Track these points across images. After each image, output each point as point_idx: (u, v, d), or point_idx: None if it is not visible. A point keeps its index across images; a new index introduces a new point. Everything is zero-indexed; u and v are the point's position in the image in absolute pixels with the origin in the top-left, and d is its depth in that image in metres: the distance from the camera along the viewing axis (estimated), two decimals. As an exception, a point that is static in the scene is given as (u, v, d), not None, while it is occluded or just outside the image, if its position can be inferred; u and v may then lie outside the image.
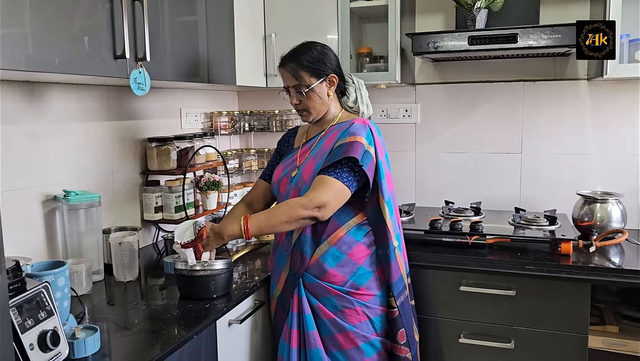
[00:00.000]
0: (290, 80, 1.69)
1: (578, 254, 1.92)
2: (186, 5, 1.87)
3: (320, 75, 1.68)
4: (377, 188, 1.65)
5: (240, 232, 1.56)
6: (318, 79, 1.68)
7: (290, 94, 1.71)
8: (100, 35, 1.43)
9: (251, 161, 2.69)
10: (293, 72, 1.67)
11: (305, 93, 1.67)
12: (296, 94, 1.69)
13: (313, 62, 1.67)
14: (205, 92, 2.57)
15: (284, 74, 1.71)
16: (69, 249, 1.73)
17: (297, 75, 1.66)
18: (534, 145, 2.43)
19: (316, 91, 1.68)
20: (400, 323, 1.69)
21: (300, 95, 1.68)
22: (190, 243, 1.58)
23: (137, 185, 2.15)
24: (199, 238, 1.59)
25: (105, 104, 1.97)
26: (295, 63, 1.67)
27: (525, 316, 1.85)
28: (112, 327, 1.42)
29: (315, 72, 1.67)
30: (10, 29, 1.18)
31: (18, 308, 1.07)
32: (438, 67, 2.53)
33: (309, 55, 1.67)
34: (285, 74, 1.70)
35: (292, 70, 1.67)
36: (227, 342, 1.58)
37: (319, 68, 1.67)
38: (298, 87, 1.68)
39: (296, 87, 1.68)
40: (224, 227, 1.59)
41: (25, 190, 1.65)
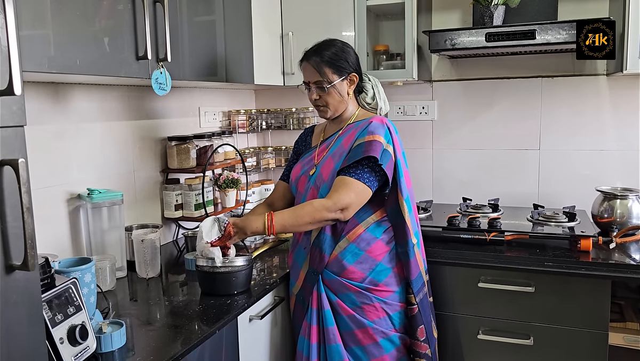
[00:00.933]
0: (312, 75, 1.70)
1: (598, 251, 1.91)
2: (204, 5, 1.89)
3: (342, 73, 1.69)
4: (396, 186, 1.66)
5: (264, 228, 1.58)
6: (340, 76, 1.69)
7: (311, 89, 1.72)
8: (122, 36, 1.46)
9: (269, 158, 2.72)
10: (317, 67, 1.68)
11: (327, 89, 1.68)
12: (317, 89, 1.70)
13: (336, 60, 1.68)
14: (223, 91, 2.60)
15: (306, 69, 1.72)
16: (92, 246, 1.77)
17: (321, 70, 1.67)
18: (552, 141, 2.42)
19: (337, 88, 1.69)
20: (420, 320, 1.70)
21: (321, 90, 1.69)
22: (218, 242, 1.59)
23: (157, 183, 2.18)
24: (227, 236, 1.60)
25: (126, 104, 2.00)
26: (319, 58, 1.68)
27: (545, 312, 1.84)
28: (136, 322, 1.45)
29: (338, 70, 1.68)
30: (32, 31, 1.21)
31: (48, 303, 1.11)
32: (455, 64, 2.53)
33: (332, 53, 1.68)
34: (309, 69, 1.70)
35: (316, 65, 1.68)
36: (247, 337, 1.60)
37: (341, 66, 1.69)
38: (320, 82, 1.69)
39: (318, 83, 1.69)
40: (248, 223, 1.61)
41: (50, 189, 1.70)
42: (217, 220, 1.63)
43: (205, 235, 1.59)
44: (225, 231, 1.60)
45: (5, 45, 0.84)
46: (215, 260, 1.58)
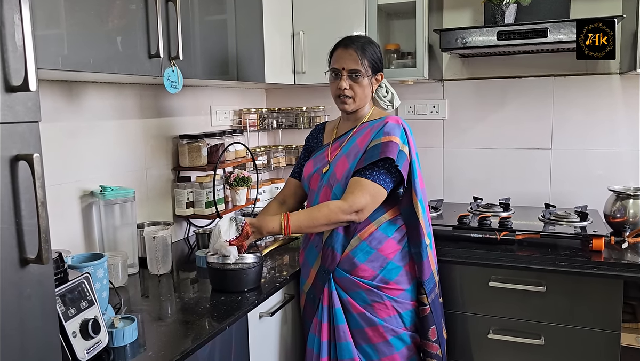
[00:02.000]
0: (353, 62, 1.66)
1: (610, 251, 1.89)
2: (216, 5, 1.90)
3: (375, 70, 1.70)
4: (411, 187, 1.67)
5: (280, 229, 1.59)
6: (373, 73, 1.70)
7: (342, 77, 1.68)
8: (135, 35, 1.48)
9: (279, 157, 2.73)
10: (358, 56, 1.65)
11: (360, 80, 1.67)
12: (350, 78, 1.67)
13: (374, 56, 1.69)
14: (234, 90, 2.61)
15: (348, 55, 1.67)
16: (105, 242, 1.79)
17: (362, 60, 1.66)
18: (564, 140, 2.40)
19: (366, 83, 1.69)
20: (432, 320, 1.70)
21: (354, 80, 1.67)
22: (236, 241, 1.60)
23: (169, 181, 2.20)
24: (245, 235, 1.60)
25: (138, 102, 2.02)
26: (362, 49, 1.67)
27: (556, 312, 1.83)
28: (147, 318, 1.46)
29: (373, 65, 1.69)
30: (47, 30, 1.23)
31: (62, 298, 1.12)
32: (466, 62, 2.52)
33: (373, 48, 1.69)
34: (352, 55, 1.66)
35: (358, 53, 1.66)
36: (258, 334, 1.61)
37: (376, 63, 1.70)
38: (356, 71, 1.66)
39: (354, 71, 1.66)
40: (264, 223, 1.61)
41: (64, 185, 1.72)
42: (235, 220, 1.64)
43: (223, 233, 1.60)
44: (243, 230, 1.60)
45: (21, 43, 0.86)
46: (232, 259, 1.58)
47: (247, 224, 1.61)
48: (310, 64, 2.39)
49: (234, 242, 1.59)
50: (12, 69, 0.86)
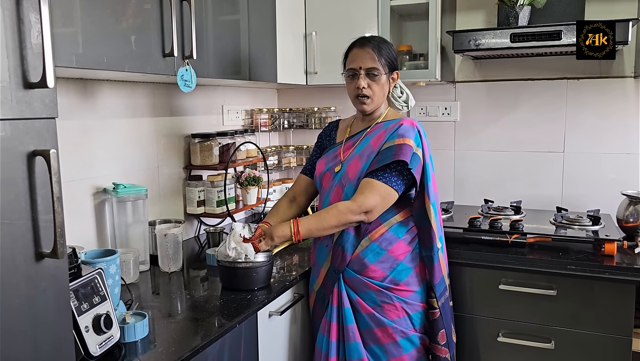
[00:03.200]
0: (370, 61, 1.66)
1: (622, 255, 1.88)
2: (229, 5, 1.91)
3: (392, 69, 1.70)
4: (424, 190, 1.66)
5: (291, 235, 1.60)
6: (390, 71, 1.70)
7: (360, 76, 1.67)
8: (150, 34, 1.49)
9: (290, 157, 2.73)
10: (377, 54, 1.65)
11: (378, 79, 1.67)
12: (368, 77, 1.67)
13: (390, 55, 1.69)
14: (246, 90, 2.63)
15: (365, 54, 1.66)
16: (117, 239, 1.81)
17: (380, 59, 1.66)
18: (577, 144, 2.39)
19: (384, 81, 1.69)
20: (441, 324, 1.70)
21: (372, 79, 1.67)
22: (249, 239, 1.62)
23: (180, 179, 2.22)
24: (258, 235, 1.63)
25: (151, 101, 2.04)
26: (378, 47, 1.67)
27: (567, 316, 1.82)
28: (158, 314, 1.47)
29: (390, 64, 1.69)
30: (62, 29, 1.24)
31: (75, 292, 1.14)
32: (479, 64, 2.51)
33: (388, 47, 1.70)
34: (367, 54, 1.66)
35: (377, 51, 1.66)
36: (267, 333, 1.61)
37: (393, 62, 1.70)
38: (374, 70, 1.66)
39: (372, 70, 1.66)
40: (274, 229, 1.63)
41: (77, 182, 1.74)
42: (248, 225, 1.67)
43: (239, 229, 1.63)
44: (256, 232, 1.64)
45: (40, 41, 0.87)
46: (249, 255, 1.59)
47: (260, 228, 1.64)
48: (322, 65, 2.40)
49: (247, 240, 1.61)
50: (30, 66, 0.88)
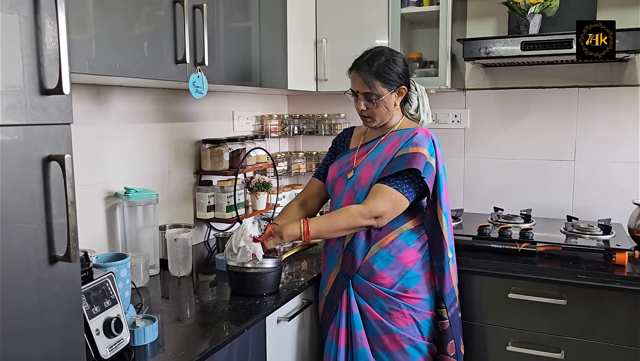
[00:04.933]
0: (361, 86, 1.67)
1: (634, 265, 1.86)
2: (241, 12, 1.93)
3: (392, 86, 1.67)
4: (436, 200, 1.66)
5: (300, 234, 1.60)
6: (389, 90, 1.66)
7: (358, 99, 1.69)
8: (162, 41, 1.51)
9: (299, 163, 2.74)
10: (367, 80, 1.64)
11: (375, 102, 1.67)
12: (365, 101, 1.68)
13: (388, 73, 1.64)
14: (257, 96, 2.64)
15: (356, 79, 1.69)
16: (128, 243, 1.82)
17: (371, 83, 1.64)
18: (588, 152, 2.37)
19: (385, 101, 1.67)
20: (451, 335, 1.70)
21: (370, 103, 1.67)
22: (259, 238, 1.62)
23: (191, 184, 2.23)
24: (268, 234, 1.62)
25: (163, 107, 2.06)
26: (369, 71, 1.64)
27: (577, 326, 1.81)
28: (167, 319, 1.48)
29: (387, 83, 1.65)
30: (76, 35, 1.26)
31: (86, 295, 1.15)
32: (489, 72, 2.51)
33: (384, 65, 1.65)
34: (358, 80, 1.68)
35: (366, 77, 1.64)
36: (275, 339, 1.62)
37: (391, 79, 1.65)
38: (369, 95, 1.66)
39: (366, 95, 1.67)
40: (284, 228, 1.63)
41: (89, 186, 1.76)
42: (257, 221, 1.67)
43: (249, 229, 1.62)
44: (266, 230, 1.63)
45: (56, 47, 0.89)
46: (257, 255, 1.59)
47: (269, 225, 1.64)
48: (332, 72, 2.41)
49: (258, 239, 1.61)
50: (46, 72, 0.90)
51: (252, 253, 1.59)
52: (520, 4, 2.14)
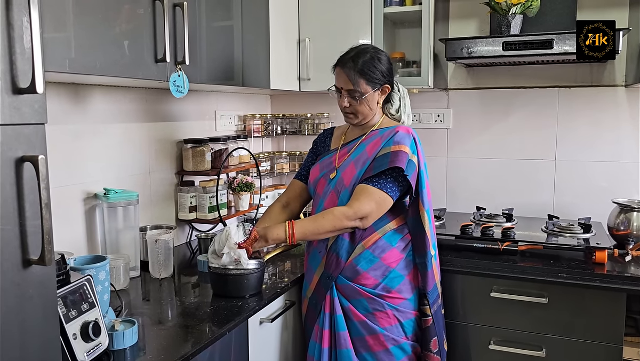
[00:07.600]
0: (345, 83, 1.67)
1: (613, 264, 1.88)
2: (222, 11, 1.91)
3: (376, 84, 1.67)
4: (418, 197, 1.67)
5: (285, 237, 1.60)
6: (373, 88, 1.67)
7: (342, 96, 1.69)
8: (142, 39, 1.49)
9: (283, 163, 2.73)
10: (351, 77, 1.65)
11: (358, 99, 1.67)
12: (348, 98, 1.68)
13: (372, 71, 1.65)
14: (239, 96, 2.62)
15: (340, 75, 1.69)
16: (107, 245, 1.79)
17: (355, 81, 1.65)
18: (568, 152, 2.40)
19: (368, 98, 1.67)
20: (434, 332, 1.70)
21: (353, 100, 1.67)
22: (244, 243, 1.60)
23: (172, 185, 2.21)
24: (253, 239, 1.61)
25: (143, 106, 2.03)
26: (355, 68, 1.64)
27: (558, 324, 1.82)
28: (148, 321, 1.46)
29: (371, 81, 1.66)
30: (55, 33, 1.23)
31: (63, 299, 1.12)
32: (471, 72, 2.53)
33: (369, 63, 1.65)
34: (342, 76, 1.68)
35: (351, 74, 1.65)
36: (258, 340, 1.60)
37: (376, 77, 1.66)
38: (352, 92, 1.67)
39: (350, 92, 1.67)
40: (269, 231, 1.62)
41: (68, 187, 1.72)
42: (242, 225, 1.65)
43: (234, 235, 1.60)
44: (251, 234, 1.62)
45: (29, 45, 0.87)
46: (242, 261, 1.58)
47: (255, 229, 1.63)
48: (315, 71, 2.40)
49: (243, 245, 1.59)
50: (19, 71, 0.87)
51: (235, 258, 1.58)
52: (501, 5, 2.15)
